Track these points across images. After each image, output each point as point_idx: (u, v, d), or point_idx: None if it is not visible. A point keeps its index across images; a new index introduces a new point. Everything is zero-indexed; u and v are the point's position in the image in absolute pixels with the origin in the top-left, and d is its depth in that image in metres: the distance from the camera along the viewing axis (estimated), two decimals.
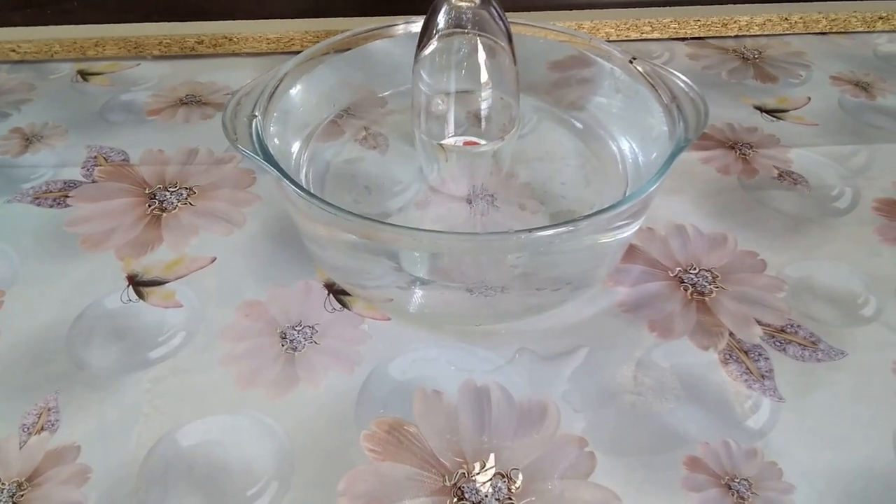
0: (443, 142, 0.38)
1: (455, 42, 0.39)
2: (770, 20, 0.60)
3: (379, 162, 0.41)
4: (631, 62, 0.41)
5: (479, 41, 0.38)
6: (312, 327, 0.37)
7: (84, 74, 0.58)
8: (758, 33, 0.61)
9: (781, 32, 0.61)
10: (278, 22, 0.60)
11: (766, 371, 0.35)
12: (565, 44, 0.44)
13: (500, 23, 0.37)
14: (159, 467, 0.31)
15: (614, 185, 0.39)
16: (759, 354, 0.36)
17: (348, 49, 0.43)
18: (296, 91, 0.40)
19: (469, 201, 0.39)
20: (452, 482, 0.31)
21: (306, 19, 0.60)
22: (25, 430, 0.33)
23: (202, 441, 0.32)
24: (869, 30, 0.61)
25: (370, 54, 0.44)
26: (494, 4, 0.37)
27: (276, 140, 0.37)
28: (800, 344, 0.36)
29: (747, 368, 0.35)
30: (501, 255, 0.33)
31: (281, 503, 0.30)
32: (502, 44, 0.39)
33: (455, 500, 0.30)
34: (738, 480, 0.31)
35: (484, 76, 0.39)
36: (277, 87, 0.39)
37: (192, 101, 0.54)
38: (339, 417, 0.33)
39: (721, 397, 0.34)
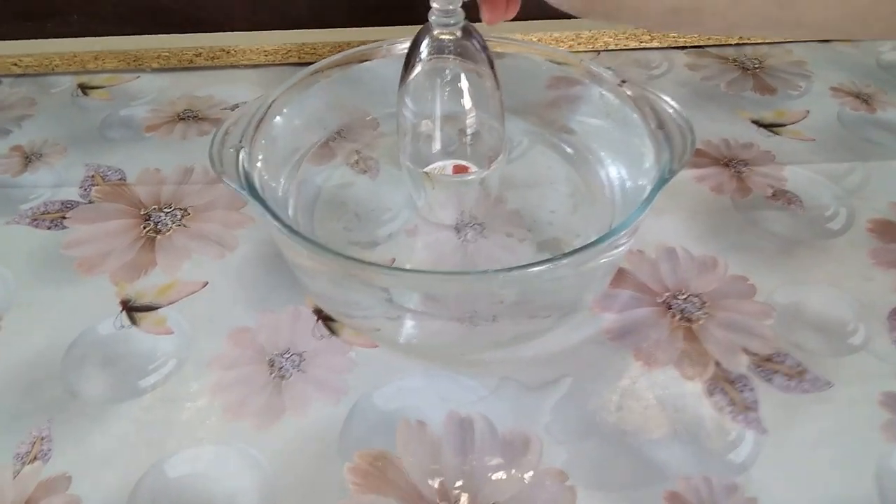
0: (428, 169, 0.39)
1: (438, 68, 0.39)
2: None
3: (370, 187, 0.41)
4: (621, 85, 0.41)
5: (461, 68, 0.38)
6: (300, 355, 0.37)
7: (84, 88, 0.58)
8: (759, 41, 0.60)
9: (783, 41, 0.60)
10: (275, 34, 0.60)
11: (751, 402, 0.35)
12: (557, 66, 0.44)
13: (482, 53, 0.37)
14: (147, 499, 0.32)
15: (602, 212, 0.39)
16: (745, 385, 0.36)
17: (339, 67, 0.43)
18: (284, 117, 0.40)
19: (457, 229, 0.39)
20: None
21: (302, 30, 0.60)
22: (19, 459, 0.34)
23: (189, 472, 0.33)
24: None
25: (361, 74, 0.44)
26: (476, 34, 0.37)
27: (262, 171, 0.37)
28: (786, 374, 0.36)
29: (731, 400, 0.35)
30: (485, 290, 0.33)
31: None
32: (484, 69, 0.39)
33: None
34: None
35: (468, 102, 0.39)
36: (265, 114, 0.39)
37: (190, 117, 0.54)
38: (323, 449, 0.34)
39: (704, 430, 0.34)
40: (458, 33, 0.36)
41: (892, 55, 0.59)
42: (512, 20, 0.37)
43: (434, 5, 0.36)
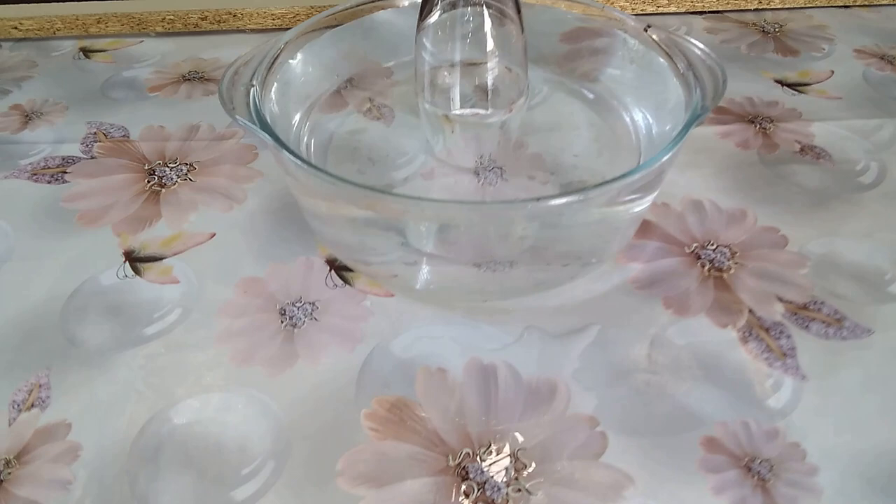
0: (448, 113, 0.37)
1: (459, 11, 0.37)
2: None
3: (384, 133, 0.40)
4: (646, 30, 0.39)
5: (485, 10, 0.37)
6: (313, 303, 0.36)
7: (86, 52, 0.57)
8: (778, 6, 0.59)
9: (803, 6, 0.59)
10: None
11: (788, 349, 0.33)
12: (577, 14, 0.42)
13: None
14: (152, 445, 0.30)
15: (627, 157, 0.37)
16: (781, 332, 0.34)
17: (352, 19, 0.41)
18: (296, 61, 0.39)
19: (476, 172, 0.37)
20: (457, 462, 0.29)
21: None
22: (15, 406, 0.32)
23: (196, 419, 0.31)
24: (893, 2, 0.59)
25: (374, 25, 0.42)
26: None
27: (275, 110, 0.36)
28: (823, 322, 0.34)
29: (768, 346, 0.33)
30: (509, 225, 0.31)
31: (277, 482, 0.29)
32: (510, 12, 0.37)
33: (459, 480, 0.29)
34: (758, 462, 0.29)
35: (490, 45, 0.37)
36: (277, 56, 0.37)
37: (195, 78, 0.53)
38: (338, 395, 0.32)
39: (740, 376, 0.32)
40: None
41: None
42: None
43: None
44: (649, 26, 0.39)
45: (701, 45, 0.37)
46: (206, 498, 0.28)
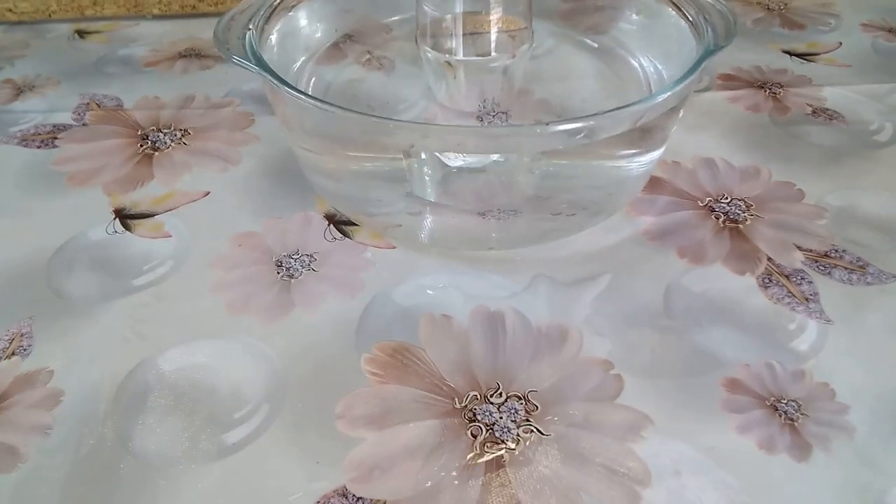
0: (449, 58, 0.36)
1: None
2: None
3: (384, 82, 0.38)
4: None
5: None
6: (311, 255, 0.34)
7: (81, 33, 0.56)
8: None
9: None
10: None
11: (811, 294, 0.31)
12: None
13: None
14: (138, 390, 0.28)
15: None
16: (802, 278, 0.32)
17: None
18: (293, 14, 0.38)
19: (480, 118, 0.36)
20: (463, 404, 0.27)
21: None
22: None
23: (186, 365, 0.29)
24: None
25: None
26: None
27: (272, 59, 0.34)
28: (846, 268, 0.33)
29: (789, 292, 0.32)
30: (512, 173, 0.30)
31: (271, 426, 0.27)
32: None
33: (467, 422, 0.27)
34: (785, 401, 0.27)
35: None
36: (276, 7, 0.37)
37: (192, 55, 0.52)
38: (337, 341, 0.30)
39: (761, 320, 0.30)
40: None
41: None
42: None
43: None
44: None
45: None
46: (195, 441, 0.26)
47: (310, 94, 0.34)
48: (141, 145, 0.42)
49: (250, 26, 0.34)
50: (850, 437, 0.26)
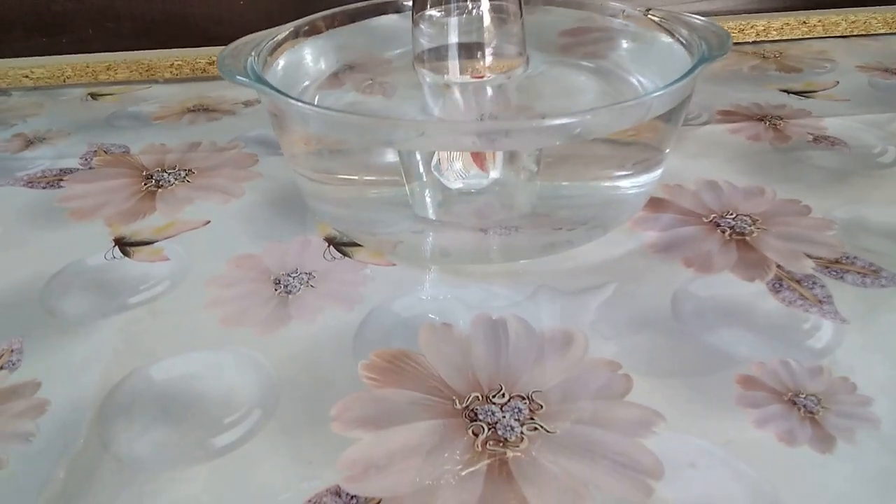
0: (447, 80, 0.36)
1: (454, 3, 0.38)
2: (788, 24, 0.59)
3: (383, 104, 0.39)
4: (646, 14, 0.39)
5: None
6: (309, 273, 0.33)
7: (94, 95, 0.58)
8: (776, 38, 0.59)
9: (801, 37, 0.60)
10: None
11: (824, 297, 0.30)
12: (575, 11, 0.43)
13: None
14: (126, 399, 0.27)
15: None
16: (814, 283, 0.31)
17: (351, 19, 0.42)
18: (295, 49, 0.39)
19: None
20: (464, 405, 0.26)
21: None
22: None
23: (178, 374, 0.28)
24: (891, 31, 0.59)
25: (373, 28, 0.43)
26: None
27: (277, 80, 0.35)
28: (859, 272, 0.32)
29: (801, 295, 0.30)
30: (511, 197, 0.30)
31: (262, 430, 0.26)
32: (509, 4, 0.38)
33: (468, 422, 0.25)
34: (804, 396, 0.26)
35: (487, 21, 0.37)
36: (279, 44, 0.38)
37: (200, 109, 0.53)
38: (334, 350, 0.29)
39: (774, 321, 0.29)
40: None
41: None
42: None
43: None
44: (650, 9, 0.39)
45: (701, 18, 0.37)
46: (182, 445, 0.25)
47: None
48: (145, 183, 0.42)
49: (253, 54, 0.35)
50: (875, 427, 0.24)
